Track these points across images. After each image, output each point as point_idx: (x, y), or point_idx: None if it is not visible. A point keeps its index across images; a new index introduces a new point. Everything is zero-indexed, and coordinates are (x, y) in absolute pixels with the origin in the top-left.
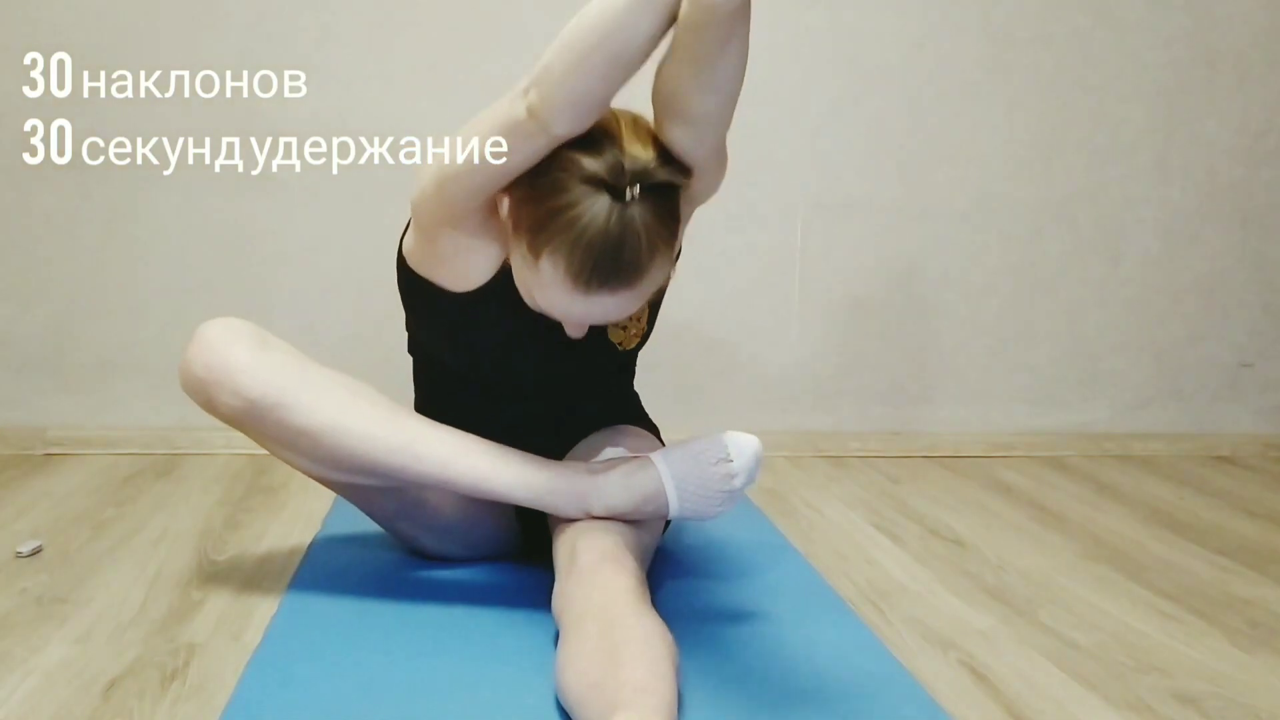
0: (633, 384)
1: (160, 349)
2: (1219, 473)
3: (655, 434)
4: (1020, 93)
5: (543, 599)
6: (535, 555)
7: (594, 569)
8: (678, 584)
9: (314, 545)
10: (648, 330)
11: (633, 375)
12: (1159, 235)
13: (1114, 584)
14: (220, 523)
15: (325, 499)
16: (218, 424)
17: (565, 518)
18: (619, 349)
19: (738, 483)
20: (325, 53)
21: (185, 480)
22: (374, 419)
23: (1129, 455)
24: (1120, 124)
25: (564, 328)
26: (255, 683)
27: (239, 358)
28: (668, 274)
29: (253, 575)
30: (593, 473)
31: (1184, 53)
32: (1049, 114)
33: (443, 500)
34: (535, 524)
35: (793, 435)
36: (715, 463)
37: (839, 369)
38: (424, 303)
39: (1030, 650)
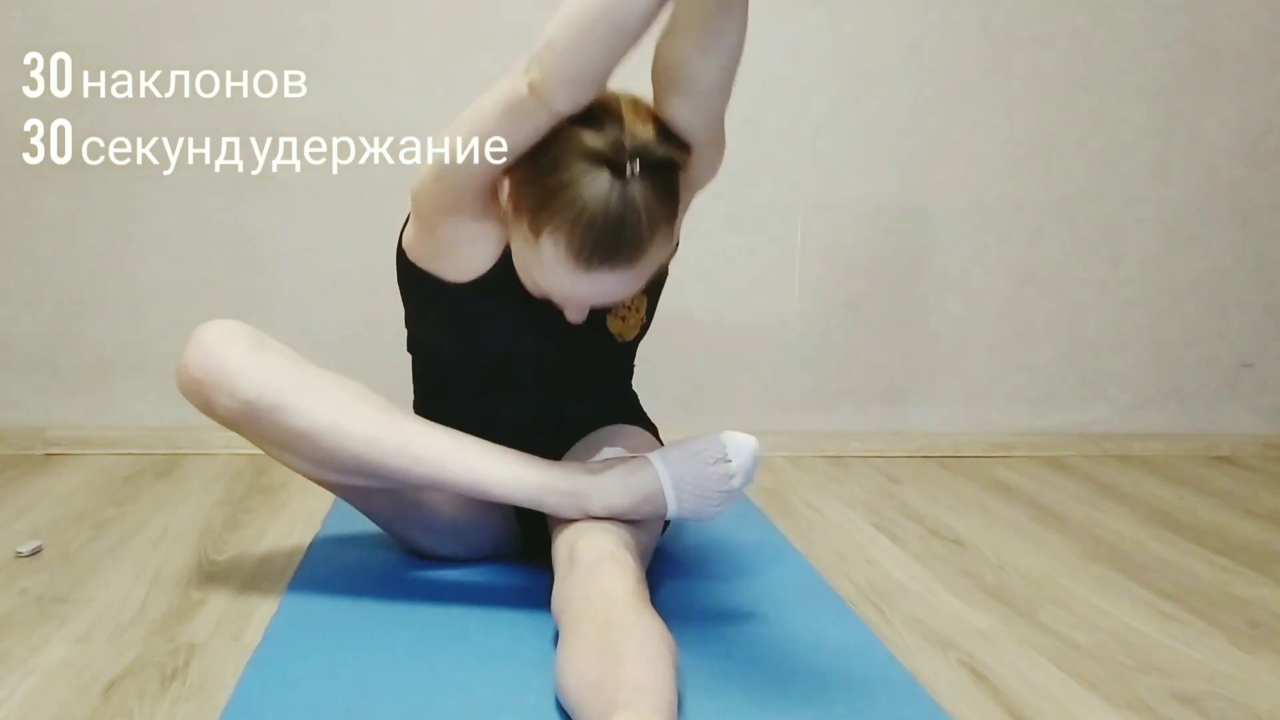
0: (631, 383)
1: (160, 349)
2: (1219, 473)
3: (654, 434)
4: (1020, 93)
5: (542, 599)
6: (535, 555)
7: (593, 569)
8: (678, 584)
9: (314, 545)
10: (646, 322)
11: (631, 374)
12: (1159, 235)
13: (1114, 584)
14: (220, 523)
15: (325, 499)
16: (217, 424)
17: (564, 518)
18: (618, 340)
19: (736, 483)
20: (325, 53)
21: (185, 480)
22: (371, 420)
23: (1129, 455)
24: (1120, 124)
25: (564, 314)
26: (255, 683)
27: (236, 360)
28: (667, 257)
29: (253, 575)
30: (591, 473)
31: (1184, 53)
32: (1049, 114)
33: (441, 501)
34: (535, 524)
35: (793, 435)
36: (713, 463)
37: (839, 369)
38: (424, 296)
39: (1030, 650)
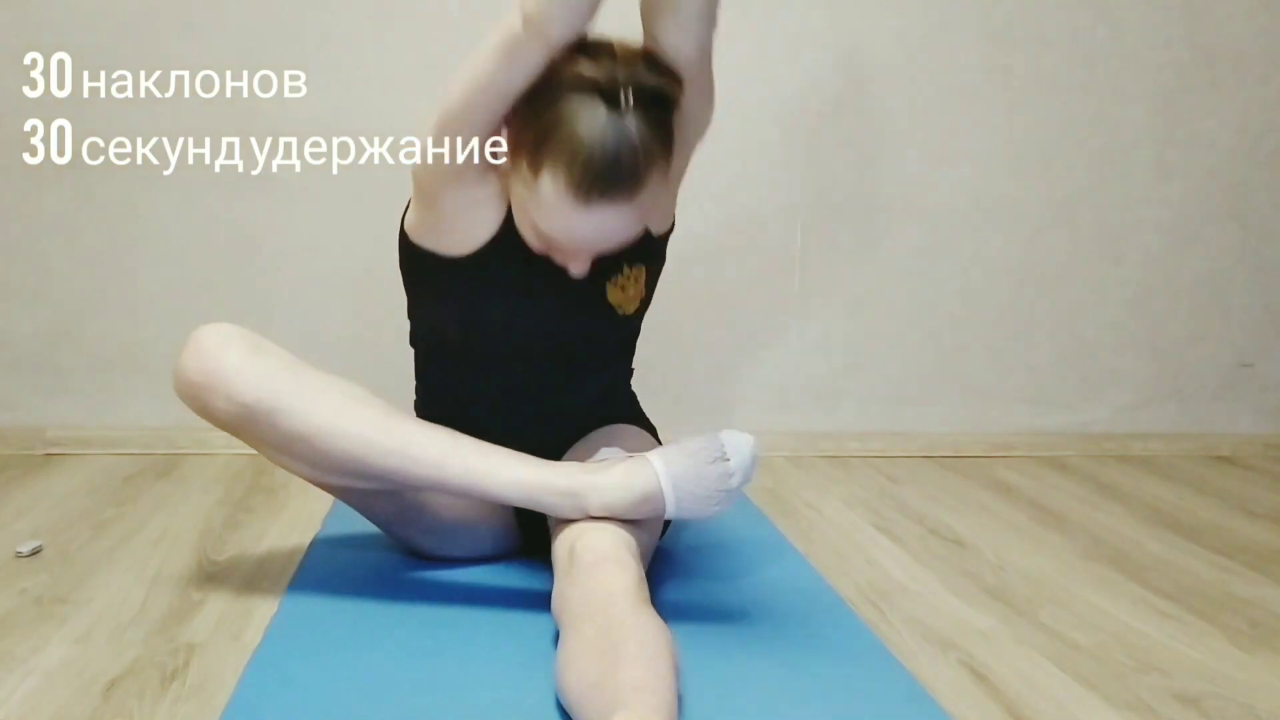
0: (630, 378)
1: (160, 349)
2: (1219, 473)
3: (652, 433)
4: (1020, 93)
5: (542, 599)
6: (535, 555)
7: (593, 569)
8: (678, 584)
9: (314, 545)
10: (646, 298)
11: (631, 362)
12: (1159, 235)
13: (1114, 584)
14: (220, 523)
15: (325, 500)
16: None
17: (563, 518)
18: (618, 312)
19: (735, 482)
20: (325, 53)
21: (185, 480)
22: (369, 422)
23: (1129, 455)
24: (1120, 124)
25: (568, 269)
26: (255, 683)
27: (233, 362)
28: (667, 227)
29: (253, 575)
30: (589, 473)
31: (1184, 53)
32: (1049, 114)
33: (441, 502)
34: (535, 524)
35: (793, 435)
36: (712, 462)
37: (839, 369)
38: (426, 276)
39: (1030, 650)
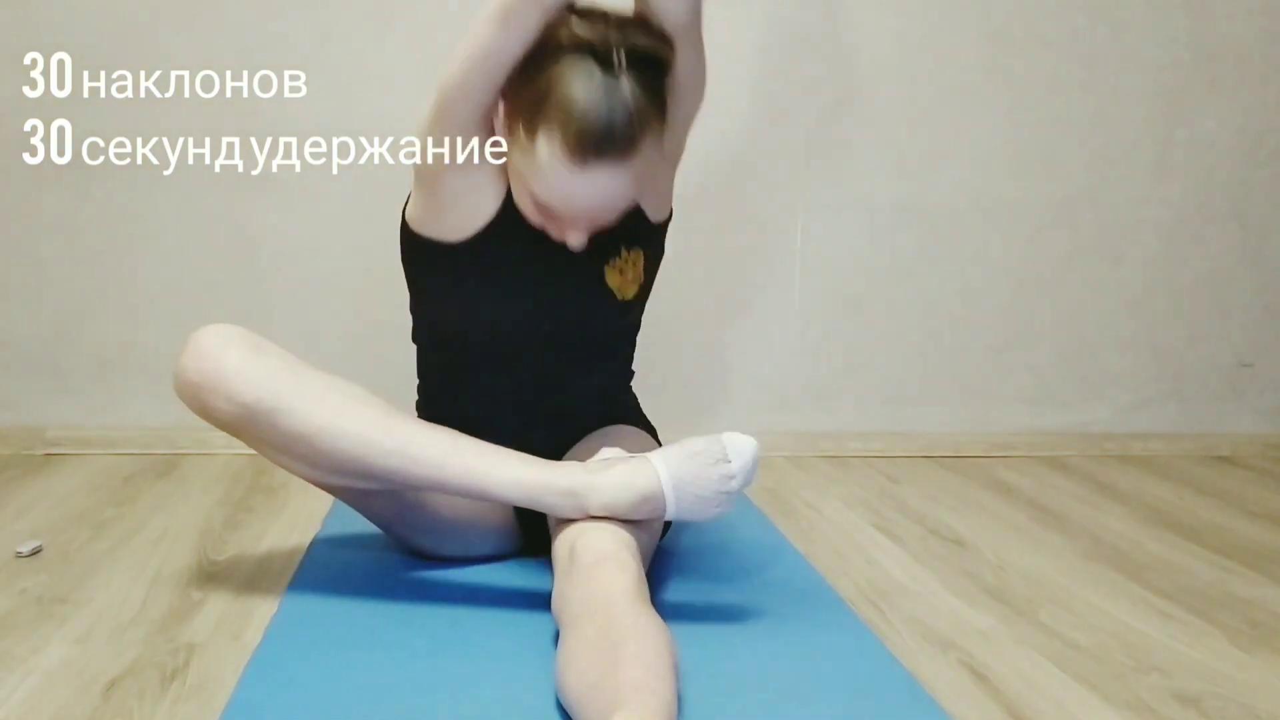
0: (630, 376)
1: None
2: (1219, 473)
3: (653, 434)
4: (1020, 93)
5: (543, 599)
6: (535, 555)
7: (593, 569)
8: (678, 584)
9: (314, 545)
10: (645, 285)
11: (631, 356)
12: (1159, 235)
13: (1114, 584)
14: (220, 523)
15: (325, 499)
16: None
17: (563, 518)
18: (617, 297)
19: (735, 484)
20: (325, 53)
21: (185, 480)
22: (369, 422)
23: (1129, 455)
24: (1120, 124)
25: (566, 241)
26: (255, 683)
27: (232, 363)
28: (663, 187)
29: (253, 575)
30: (590, 473)
31: (1184, 53)
32: (1049, 114)
33: (441, 502)
34: (535, 524)
35: (793, 435)
36: (713, 463)
37: (839, 369)
38: (428, 265)
39: (1030, 650)
